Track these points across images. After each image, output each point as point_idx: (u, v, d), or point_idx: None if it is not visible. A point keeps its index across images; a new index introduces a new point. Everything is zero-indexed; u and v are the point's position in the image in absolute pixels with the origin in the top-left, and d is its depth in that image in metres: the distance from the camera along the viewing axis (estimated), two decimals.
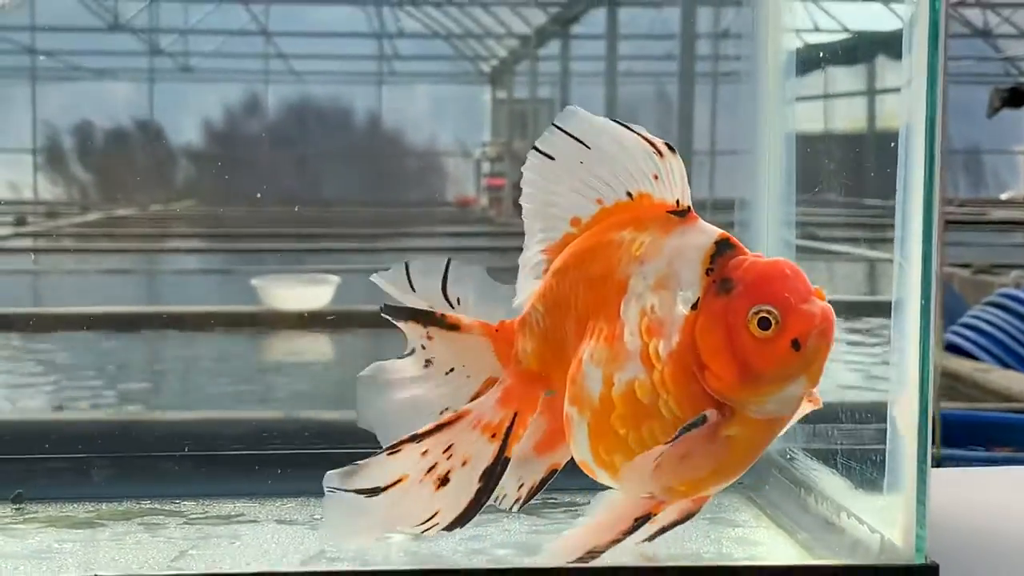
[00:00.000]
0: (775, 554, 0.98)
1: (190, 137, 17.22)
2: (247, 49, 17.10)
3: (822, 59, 1.14)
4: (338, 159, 16.89)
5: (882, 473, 0.92)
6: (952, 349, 5.36)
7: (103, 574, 0.88)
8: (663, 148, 0.87)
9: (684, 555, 0.98)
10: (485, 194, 17.52)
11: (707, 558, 0.97)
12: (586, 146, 0.89)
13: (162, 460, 1.19)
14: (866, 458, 0.95)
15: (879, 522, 0.92)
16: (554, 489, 1.11)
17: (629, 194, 0.88)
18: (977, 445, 3.77)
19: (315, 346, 6.94)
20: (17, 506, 1.11)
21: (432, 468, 0.90)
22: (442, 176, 18.80)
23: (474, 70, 18.89)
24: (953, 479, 1.33)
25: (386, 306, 0.95)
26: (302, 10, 17.83)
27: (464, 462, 0.91)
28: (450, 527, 0.91)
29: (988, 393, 4.85)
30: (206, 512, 1.10)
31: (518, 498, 0.96)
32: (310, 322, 6.98)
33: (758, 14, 1.20)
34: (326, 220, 12.31)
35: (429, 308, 0.95)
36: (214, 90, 17.69)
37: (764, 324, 0.81)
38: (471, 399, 0.94)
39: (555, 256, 0.92)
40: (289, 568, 0.94)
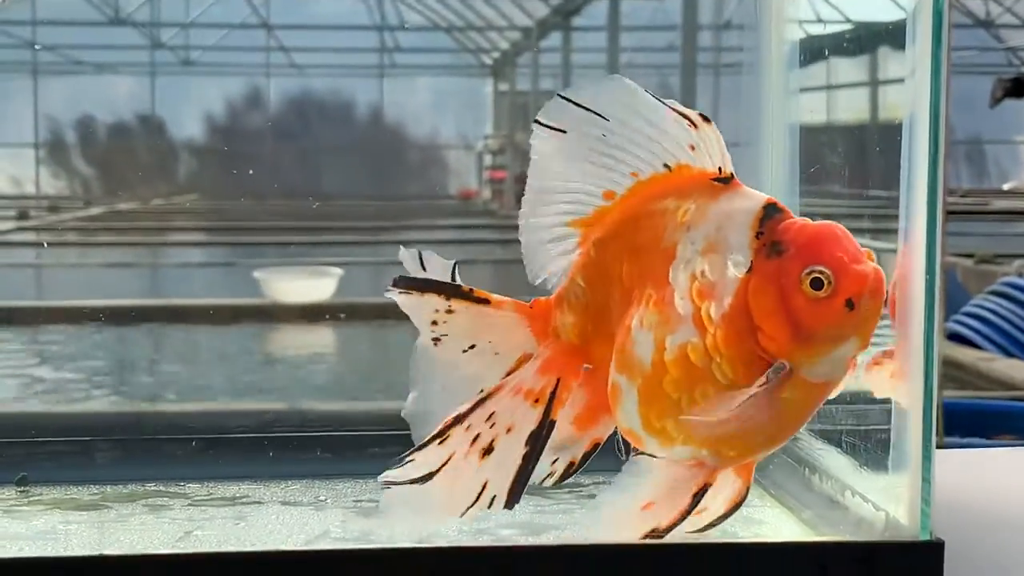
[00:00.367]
0: (780, 532, 0.98)
1: (192, 131, 17.25)
2: (248, 42, 17.12)
3: (825, 50, 1.14)
4: (340, 152, 16.90)
5: (887, 452, 0.92)
6: (955, 338, 5.36)
7: (110, 553, 0.88)
8: (697, 119, 0.87)
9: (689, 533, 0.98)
10: (487, 187, 17.53)
11: (712, 536, 0.97)
12: (604, 118, 0.89)
13: (167, 444, 1.19)
14: (871, 437, 0.95)
15: (884, 500, 0.91)
16: None
17: (667, 166, 0.88)
18: (980, 434, 3.77)
19: (319, 339, 6.95)
20: (21, 488, 1.11)
21: (476, 439, 0.89)
22: (444, 169, 18.82)
23: (476, 62, 18.90)
24: (957, 460, 1.33)
25: (402, 277, 0.92)
26: (303, 3, 17.84)
27: (508, 429, 0.89)
28: (508, 501, 0.89)
29: (992, 382, 4.85)
30: (211, 494, 1.10)
31: (552, 472, 0.95)
32: (316, 315, 6.98)
33: (761, 4, 1.20)
34: (328, 213, 12.33)
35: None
36: (215, 83, 17.69)
37: (817, 284, 0.83)
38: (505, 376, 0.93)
39: (587, 229, 0.91)
40: (294, 547, 0.94)
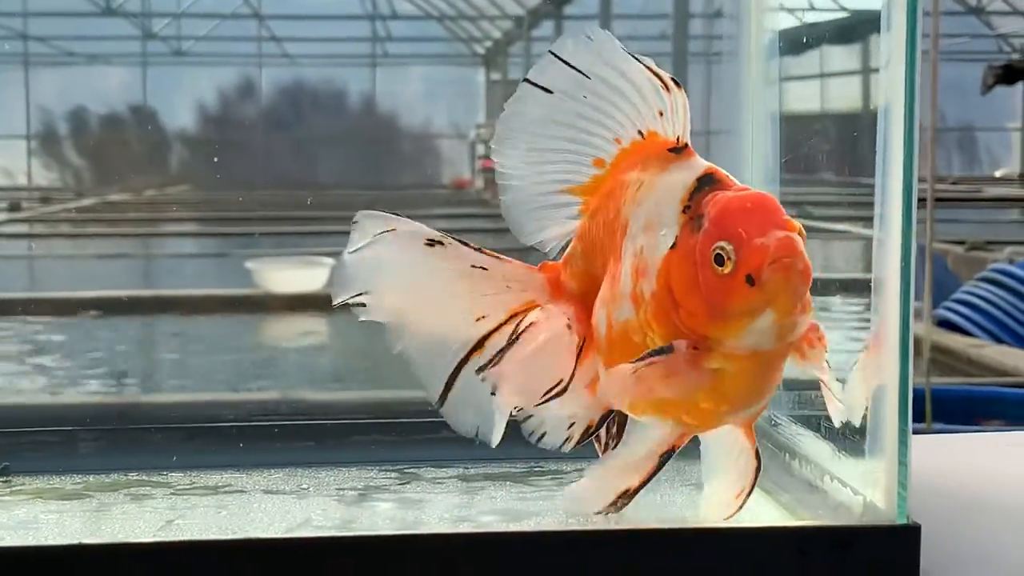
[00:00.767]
0: (759, 516, 0.98)
1: (184, 121, 17.20)
2: (240, 32, 17.07)
3: (805, 39, 1.14)
4: (332, 142, 16.87)
5: (865, 437, 0.92)
6: (946, 325, 5.37)
7: (89, 542, 0.88)
8: (670, 83, 0.86)
9: (669, 519, 0.98)
10: (480, 176, 17.51)
11: (692, 521, 0.98)
12: (588, 77, 0.88)
13: (150, 434, 1.19)
14: (848, 422, 0.95)
15: (862, 484, 0.92)
16: (540, 457, 1.12)
17: (640, 132, 0.88)
18: (970, 420, 3.77)
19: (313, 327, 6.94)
20: (3, 479, 1.11)
21: None
22: (437, 158, 18.79)
23: (468, 51, 18.86)
24: (941, 445, 1.34)
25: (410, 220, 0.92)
26: None
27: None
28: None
29: (982, 368, 4.86)
30: (193, 483, 1.10)
31: (568, 437, 0.95)
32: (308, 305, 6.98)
33: None
34: (321, 203, 12.30)
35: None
36: (207, 74, 17.66)
37: (719, 260, 0.81)
38: (511, 310, 0.93)
39: (587, 198, 0.91)
40: (275, 535, 0.95)
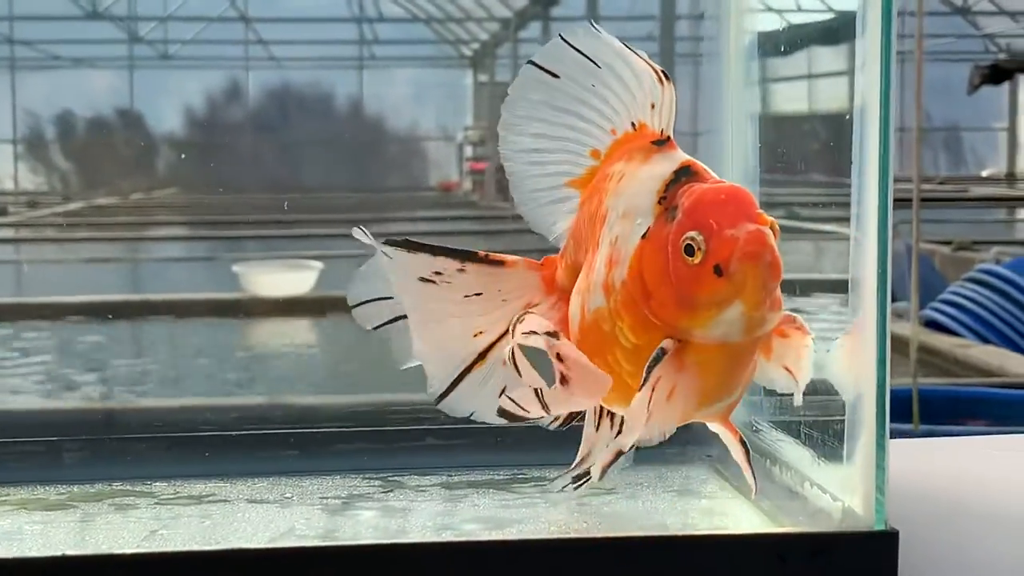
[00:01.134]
0: (740, 523, 0.98)
1: (171, 125, 17.18)
2: (227, 36, 17.05)
3: (783, 40, 1.14)
4: (320, 144, 16.86)
5: (843, 442, 0.93)
6: (932, 325, 5.39)
7: (72, 553, 0.89)
8: (662, 76, 0.87)
9: (651, 526, 0.99)
10: (468, 178, 17.51)
11: (673, 528, 0.98)
12: (597, 65, 0.88)
13: (134, 443, 1.19)
14: (829, 428, 0.96)
15: (841, 490, 0.93)
16: (524, 464, 1.13)
17: (633, 124, 0.88)
18: (957, 420, 3.79)
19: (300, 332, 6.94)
20: None
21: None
22: (425, 160, 18.79)
23: (455, 54, 18.86)
24: (922, 448, 1.34)
25: (408, 240, 0.93)
26: None
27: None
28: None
29: (968, 368, 4.88)
30: (177, 493, 1.10)
31: (556, 417, 0.97)
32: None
33: None
34: (308, 206, 12.30)
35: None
36: (194, 77, 17.63)
37: (689, 251, 0.81)
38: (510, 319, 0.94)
39: (583, 188, 0.92)
40: (258, 545, 0.95)
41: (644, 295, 0.84)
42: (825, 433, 0.96)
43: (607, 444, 0.93)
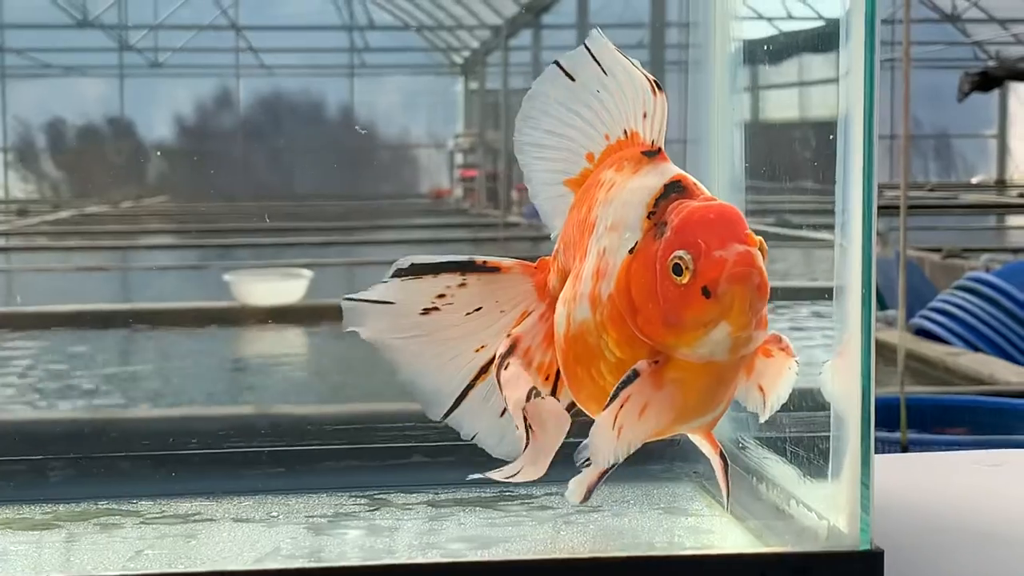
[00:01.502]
0: (726, 542, 0.98)
1: (161, 133, 17.16)
2: (217, 44, 17.04)
3: (767, 48, 1.14)
4: (311, 152, 16.85)
5: (828, 460, 0.93)
6: (922, 333, 5.39)
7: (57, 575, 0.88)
8: (655, 85, 0.87)
9: (636, 545, 0.99)
10: (459, 185, 17.52)
11: (659, 547, 0.98)
12: (603, 72, 0.89)
13: (120, 460, 1.19)
14: (814, 446, 0.96)
15: (826, 508, 0.92)
16: (512, 483, 1.13)
17: (625, 132, 0.89)
18: (946, 429, 3.79)
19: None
20: None
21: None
22: (416, 168, 18.79)
23: (446, 61, 18.87)
24: (909, 464, 1.34)
25: (413, 264, 0.94)
26: (272, 3, 17.77)
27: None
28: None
29: (958, 377, 4.88)
30: (163, 512, 1.10)
31: None
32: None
33: (708, 2, 1.20)
34: (299, 214, 12.29)
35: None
36: (185, 85, 17.62)
37: (677, 270, 0.80)
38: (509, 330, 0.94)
39: (576, 190, 0.93)
40: (243, 567, 0.95)
41: (631, 311, 0.83)
42: (810, 451, 0.96)
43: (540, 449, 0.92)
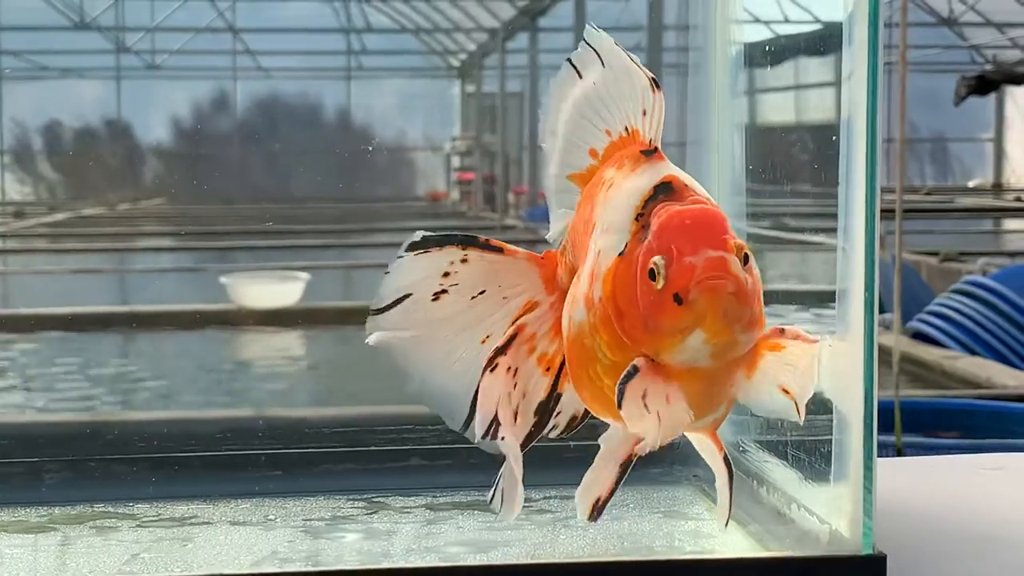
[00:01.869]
0: (727, 546, 0.98)
1: (158, 135, 17.16)
2: (214, 46, 17.04)
3: (768, 51, 1.14)
4: (308, 155, 16.84)
5: (831, 464, 0.92)
6: (919, 337, 5.39)
7: None
8: (653, 83, 0.86)
9: (636, 549, 0.98)
10: (456, 188, 17.52)
11: (659, 551, 0.98)
12: (603, 66, 0.88)
13: (116, 463, 1.18)
14: (816, 449, 0.95)
15: (828, 512, 0.92)
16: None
17: (627, 128, 0.88)
18: (942, 433, 3.79)
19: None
20: None
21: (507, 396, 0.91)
22: (413, 171, 18.79)
23: (443, 64, 18.87)
24: (908, 467, 1.34)
25: (424, 237, 0.94)
26: (269, 6, 17.77)
27: (523, 395, 0.91)
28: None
29: (956, 380, 4.88)
30: (159, 515, 1.09)
31: (556, 425, 0.95)
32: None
33: (708, 5, 1.20)
34: (296, 217, 12.28)
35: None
36: (182, 87, 17.62)
37: (652, 276, 0.80)
38: (513, 319, 0.93)
39: (583, 185, 0.92)
40: (239, 570, 0.94)
41: (617, 315, 0.82)
42: (812, 454, 0.96)
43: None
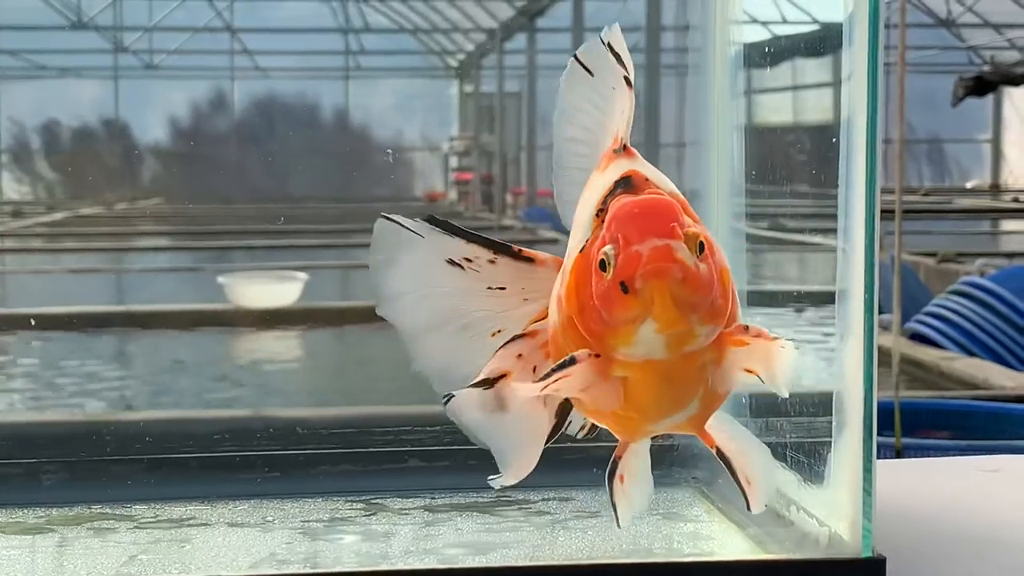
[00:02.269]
0: (726, 548, 0.98)
1: (156, 135, 17.16)
2: (212, 46, 17.03)
3: (768, 52, 1.14)
4: (305, 155, 16.84)
5: (830, 467, 0.92)
6: (917, 338, 5.39)
7: None
8: (626, 80, 0.86)
9: (635, 551, 0.98)
10: (454, 188, 17.53)
11: (658, 554, 0.97)
12: (625, 67, 0.87)
13: (114, 464, 1.18)
14: (815, 452, 0.95)
15: (827, 515, 0.92)
16: (507, 488, 1.12)
17: (616, 131, 0.87)
18: (941, 433, 3.79)
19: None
20: None
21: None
22: (410, 171, 18.79)
23: (441, 64, 18.88)
24: (906, 469, 1.34)
25: (450, 222, 0.91)
26: (267, 6, 17.77)
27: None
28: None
29: (953, 381, 4.88)
30: (157, 516, 1.09)
31: (583, 425, 0.93)
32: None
33: (707, 6, 1.20)
34: (294, 216, 12.28)
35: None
36: (180, 87, 17.62)
37: (602, 266, 0.78)
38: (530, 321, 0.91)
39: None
40: (237, 572, 0.94)
41: (579, 310, 0.81)
42: (811, 456, 0.96)
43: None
